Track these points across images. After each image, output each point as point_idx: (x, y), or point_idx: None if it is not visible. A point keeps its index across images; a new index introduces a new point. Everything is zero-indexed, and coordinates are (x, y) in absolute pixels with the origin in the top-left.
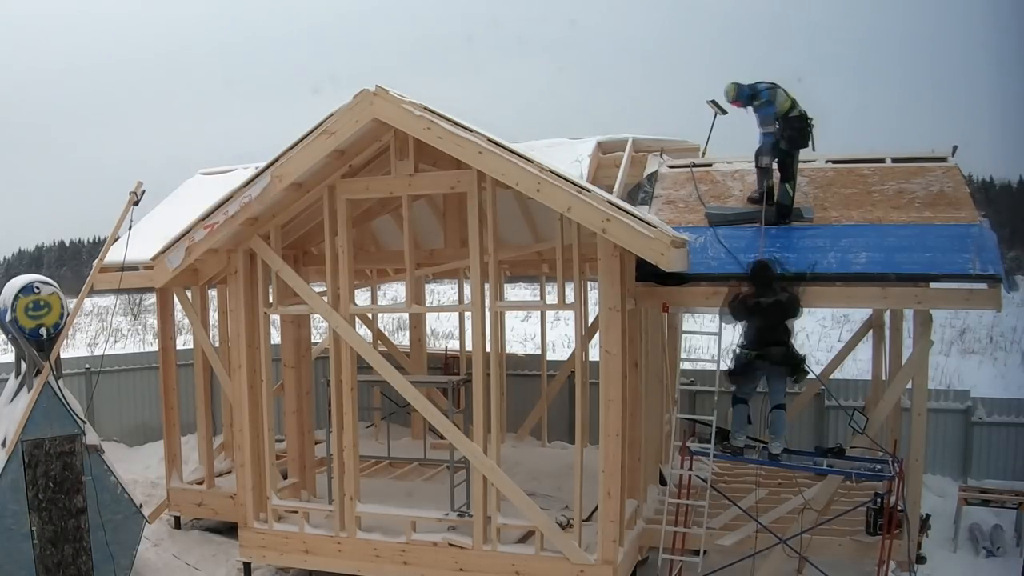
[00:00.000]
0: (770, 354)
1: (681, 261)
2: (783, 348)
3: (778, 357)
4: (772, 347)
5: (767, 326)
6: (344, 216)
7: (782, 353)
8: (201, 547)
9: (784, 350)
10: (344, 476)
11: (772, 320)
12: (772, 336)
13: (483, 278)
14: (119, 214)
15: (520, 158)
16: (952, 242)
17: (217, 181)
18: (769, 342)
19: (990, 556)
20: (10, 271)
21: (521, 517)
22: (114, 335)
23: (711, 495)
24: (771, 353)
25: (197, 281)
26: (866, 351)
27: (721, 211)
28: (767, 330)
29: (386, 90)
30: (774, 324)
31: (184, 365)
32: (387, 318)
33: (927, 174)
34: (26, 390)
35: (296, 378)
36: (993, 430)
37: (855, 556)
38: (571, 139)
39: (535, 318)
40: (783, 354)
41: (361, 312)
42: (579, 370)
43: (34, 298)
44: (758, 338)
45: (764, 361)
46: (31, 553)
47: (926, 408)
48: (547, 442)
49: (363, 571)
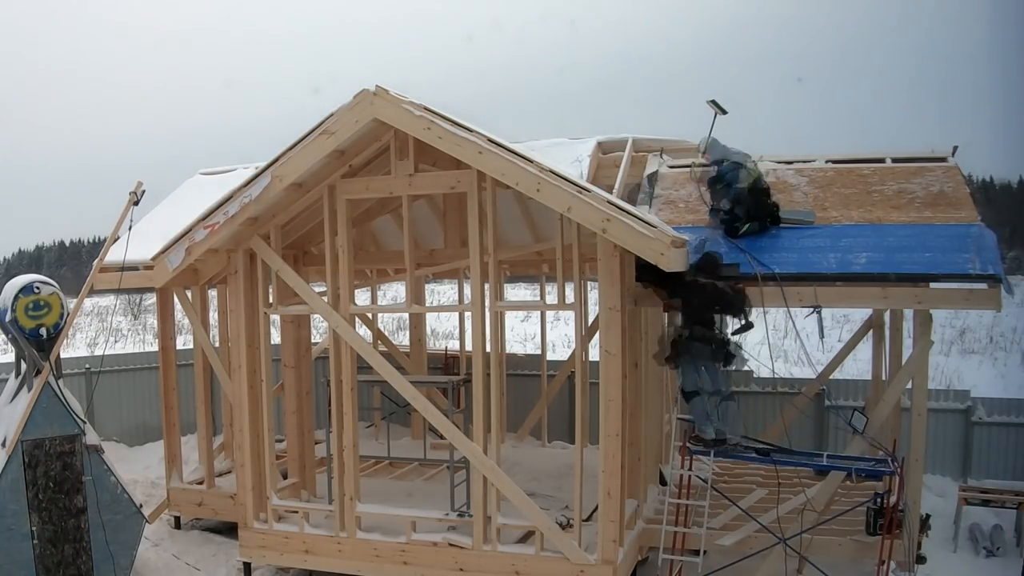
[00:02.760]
0: (692, 332)
1: (681, 261)
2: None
3: (699, 335)
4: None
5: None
6: (344, 216)
7: (703, 333)
8: (201, 547)
9: (706, 330)
10: (344, 476)
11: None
12: (699, 317)
13: (483, 278)
14: (119, 214)
15: (520, 158)
16: (952, 242)
17: (217, 181)
18: (696, 322)
19: (990, 556)
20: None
21: (521, 517)
22: (114, 335)
23: (711, 495)
24: (693, 331)
25: (197, 281)
26: (866, 351)
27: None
28: (696, 310)
29: (386, 90)
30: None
31: (184, 365)
32: (387, 318)
33: (927, 174)
34: (26, 390)
35: (296, 378)
36: (993, 430)
37: (855, 556)
38: (571, 139)
39: (535, 318)
40: (704, 334)
41: (361, 312)
42: (579, 370)
43: (34, 298)
44: (685, 318)
45: (691, 341)
46: (31, 553)
47: (926, 408)
48: (547, 442)
49: (363, 571)
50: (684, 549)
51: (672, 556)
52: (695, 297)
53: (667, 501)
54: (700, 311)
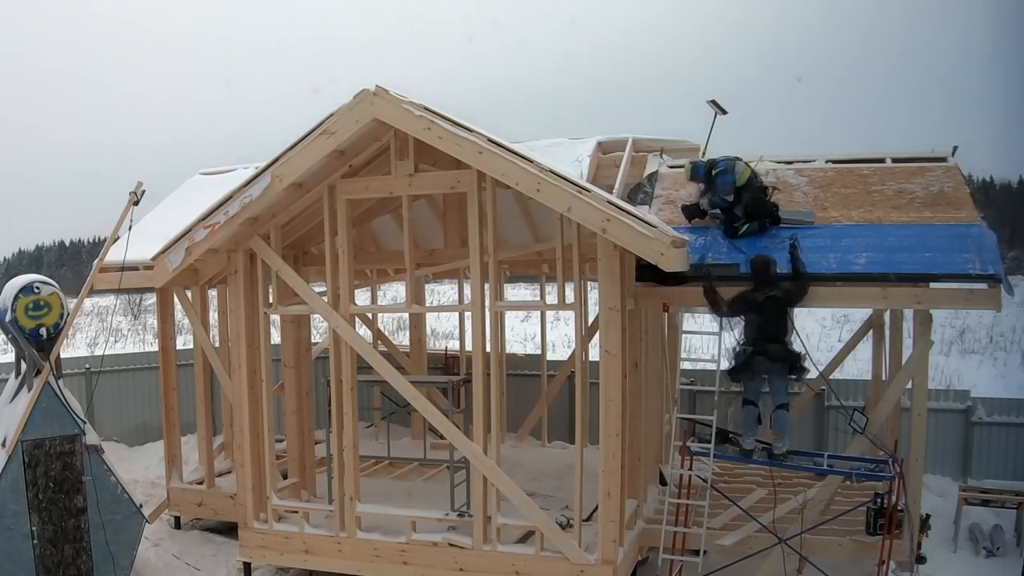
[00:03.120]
0: (767, 350)
1: (681, 261)
2: (780, 344)
3: (775, 353)
4: (769, 343)
5: (764, 322)
6: (344, 216)
7: (779, 349)
8: (201, 547)
9: (781, 347)
10: (344, 476)
11: (769, 315)
12: (769, 332)
13: (483, 278)
14: (119, 214)
15: (520, 158)
16: (952, 242)
17: (217, 181)
18: (766, 338)
19: (990, 556)
20: (10, 271)
21: (521, 517)
22: (114, 335)
23: (711, 495)
24: (768, 349)
25: (197, 281)
26: (866, 351)
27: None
28: (764, 326)
29: (386, 90)
30: (771, 320)
31: (184, 365)
32: (387, 318)
33: (927, 174)
34: (26, 390)
35: (296, 378)
36: (993, 430)
37: (855, 556)
38: (571, 139)
39: (535, 318)
40: (780, 350)
41: (361, 312)
42: (579, 370)
43: (34, 298)
44: (756, 334)
45: (762, 357)
46: (31, 553)
47: (926, 408)
48: (547, 442)
49: (363, 571)
50: (684, 549)
51: (672, 556)
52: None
53: (667, 501)
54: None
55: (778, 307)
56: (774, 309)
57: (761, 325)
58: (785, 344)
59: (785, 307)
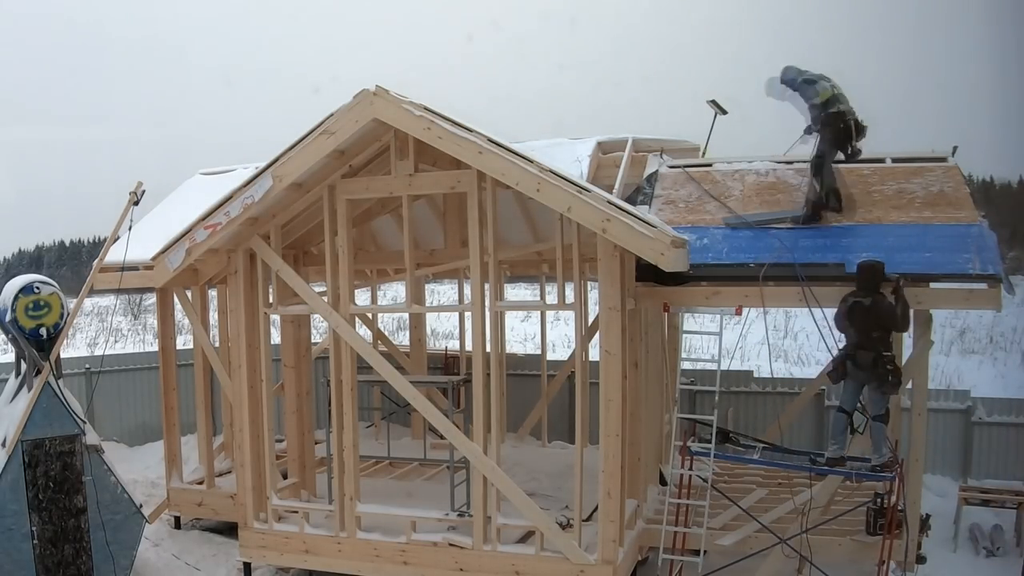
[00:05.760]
0: (857, 358)
1: (681, 261)
2: (871, 354)
3: (864, 362)
4: (861, 351)
5: (860, 330)
6: (344, 216)
7: (868, 359)
8: (201, 547)
9: (872, 357)
10: (344, 476)
11: (864, 324)
12: (865, 341)
13: (483, 278)
14: (119, 214)
15: (520, 158)
16: (952, 242)
17: (217, 181)
18: (862, 347)
19: (990, 556)
20: (10, 271)
21: (521, 517)
22: (114, 335)
23: (711, 495)
24: (858, 357)
25: (197, 281)
26: None
27: (740, 219)
28: (860, 334)
29: (386, 90)
30: (867, 329)
31: (184, 365)
32: (387, 318)
33: (927, 174)
34: (26, 390)
35: (296, 378)
36: (993, 430)
37: (855, 556)
38: (571, 139)
39: (535, 318)
40: (869, 361)
41: (361, 312)
42: (579, 370)
43: (34, 298)
44: (853, 341)
45: (853, 365)
46: (31, 553)
47: (926, 408)
48: (547, 442)
49: (363, 571)
50: (684, 549)
51: (672, 556)
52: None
53: (667, 501)
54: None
55: (865, 315)
56: (860, 316)
57: (858, 332)
58: (877, 355)
59: (874, 318)
